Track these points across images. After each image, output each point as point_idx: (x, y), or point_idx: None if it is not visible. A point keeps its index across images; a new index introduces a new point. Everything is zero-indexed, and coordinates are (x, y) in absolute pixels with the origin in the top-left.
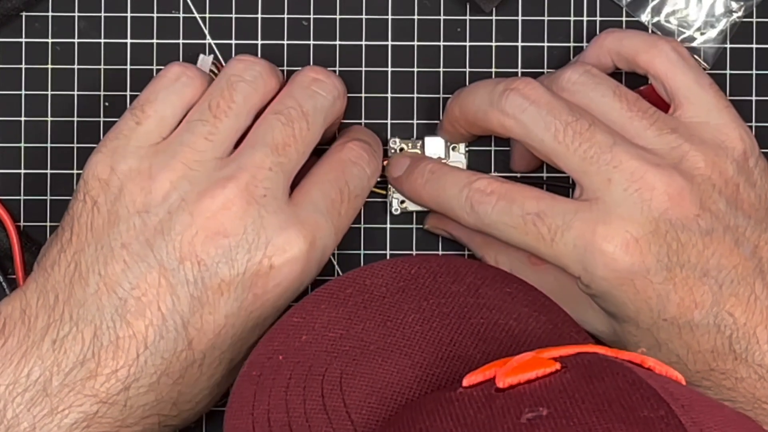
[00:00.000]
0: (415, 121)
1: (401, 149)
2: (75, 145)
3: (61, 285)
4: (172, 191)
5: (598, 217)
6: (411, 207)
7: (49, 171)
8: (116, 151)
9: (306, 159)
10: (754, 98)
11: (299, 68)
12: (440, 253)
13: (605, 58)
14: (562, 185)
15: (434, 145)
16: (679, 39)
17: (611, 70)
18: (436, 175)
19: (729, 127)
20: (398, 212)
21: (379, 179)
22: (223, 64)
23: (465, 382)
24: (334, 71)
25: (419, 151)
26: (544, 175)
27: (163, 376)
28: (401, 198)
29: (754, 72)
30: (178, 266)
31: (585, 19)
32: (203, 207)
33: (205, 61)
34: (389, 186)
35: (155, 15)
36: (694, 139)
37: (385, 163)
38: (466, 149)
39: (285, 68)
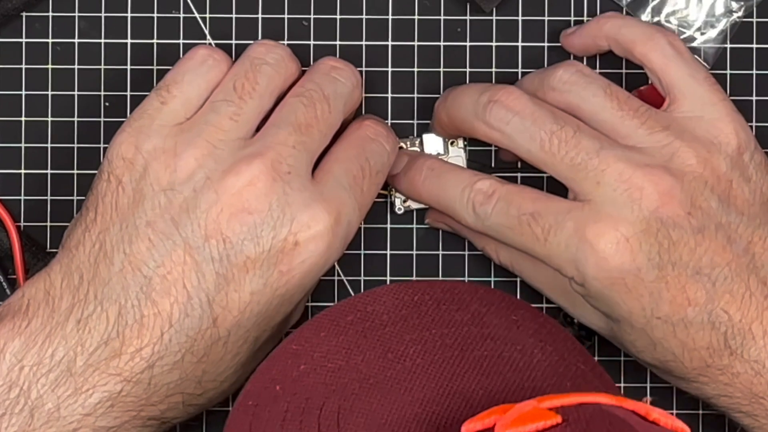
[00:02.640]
0: (415, 121)
1: (400, 147)
2: (75, 145)
3: (85, 265)
4: (197, 169)
5: (589, 217)
6: (414, 206)
7: (49, 171)
8: (141, 131)
9: (328, 141)
10: (754, 98)
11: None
12: (441, 253)
13: (601, 41)
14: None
15: (433, 142)
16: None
17: (604, 52)
18: (435, 173)
19: (723, 121)
20: (401, 211)
21: None
22: None
23: (464, 430)
24: None
25: (418, 149)
26: (544, 175)
27: (188, 354)
28: (404, 197)
29: (754, 72)
30: (203, 244)
31: (585, 19)
32: (228, 184)
33: None
34: (390, 186)
35: (155, 15)
36: (685, 135)
37: None
38: (465, 143)
39: None
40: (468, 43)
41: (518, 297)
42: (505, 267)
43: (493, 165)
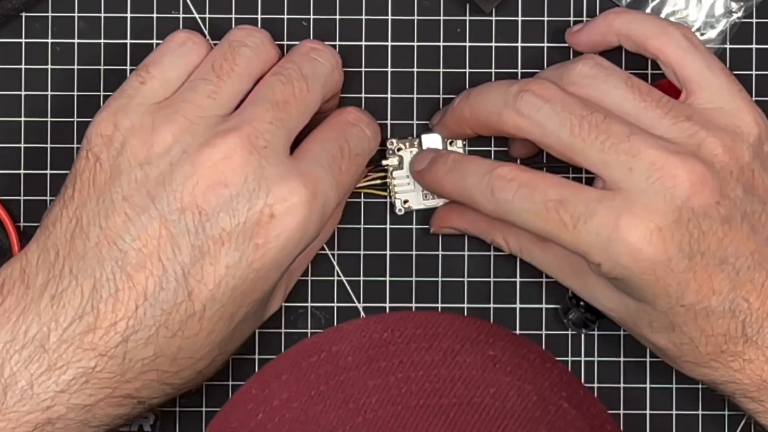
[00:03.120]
0: (414, 122)
1: (399, 149)
2: (75, 145)
3: (61, 240)
4: (174, 144)
5: (622, 206)
6: (414, 206)
7: (49, 171)
8: (119, 109)
9: (306, 120)
10: (754, 98)
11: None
12: (440, 253)
13: (611, 37)
14: (581, 175)
15: (431, 142)
16: None
17: (613, 47)
18: (458, 164)
19: (743, 111)
20: (402, 212)
21: (379, 180)
22: None
23: None
24: None
25: (416, 149)
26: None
27: (162, 329)
28: (404, 198)
29: (754, 72)
30: (179, 216)
31: (585, 19)
32: (204, 157)
33: None
34: (390, 186)
35: (155, 15)
36: (709, 125)
37: (385, 162)
38: (464, 143)
39: None
40: (468, 44)
41: (517, 297)
42: (515, 254)
43: None
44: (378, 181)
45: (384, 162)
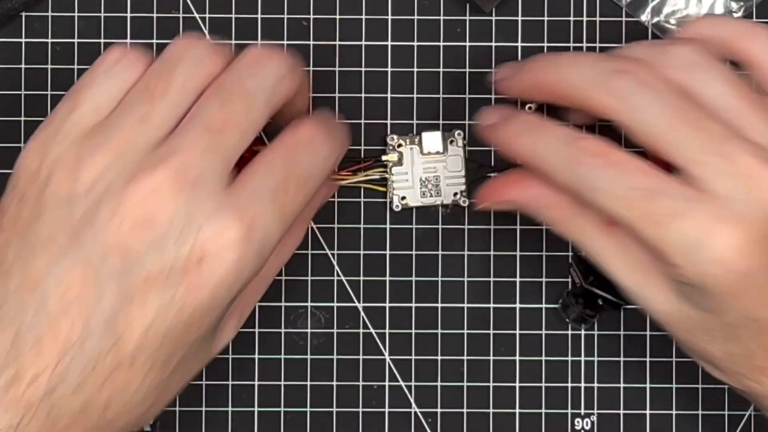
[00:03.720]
0: (414, 122)
1: (399, 145)
2: None
3: None
4: (100, 178)
5: (716, 212)
6: (411, 203)
7: None
8: (47, 139)
9: (248, 142)
10: None
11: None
12: (440, 253)
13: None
14: None
15: (431, 140)
16: None
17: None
18: (536, 127)
19: None
20: (399, 208)
21: (378, 177)
22: None
23: None
24: (334, 71)
25: (417, 146)
26: None
27: (90, 378)
28: (402, 194)
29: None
30: (103, 258)
31: (585, 19)
32: (130, 193)
33: None
34: (389, 183)
35: (155, 15)
36: None
37: (385, 157)
38: (464, 142)
39: None
40: (467, 43)
41: (517, 297)
42: (569, 236)
43: (492, 164)
44: (377, 177)
45: (384, 158)
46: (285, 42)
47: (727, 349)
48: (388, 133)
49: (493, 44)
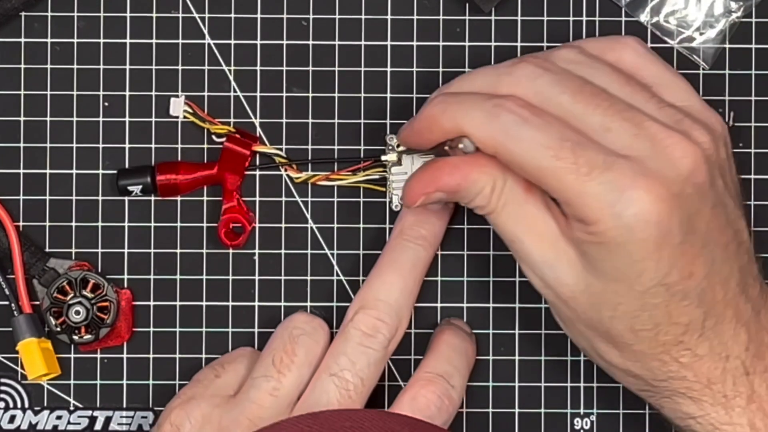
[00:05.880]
0: None
1: (398, 145)
2: (74, 145)
3: None
4: None
5: (638, 169)
6: None
7: (48, 171)
8: (193, 397)
9: None
10: (753, 98)
11: (300, 68)
12: (440, 253)
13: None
14: None
15: None
16: (678, 39)
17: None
18: (457, 99)
19: (710, 111)
20: (399, 208)
21: (377, 177)
22: (198, 108)
23: None
24: (334, 71)
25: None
26: None
27: None
28: (401, 194)
29: (753, 72)
30: None
31: (584, 19)
32: None
33: (177, 104)
34: (388, 183)
35: (154, 15)
36: (690, 116)
37: (384, 157)
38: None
39: (285, 68)
40: (467, 43)
41: (517, 297)
42: (491, 211)
43: None
44: (376, 176)
45: (383, 158)
46: (284, 42)
47: (632, 326)
48: (388, 133)
49: (493, 44)
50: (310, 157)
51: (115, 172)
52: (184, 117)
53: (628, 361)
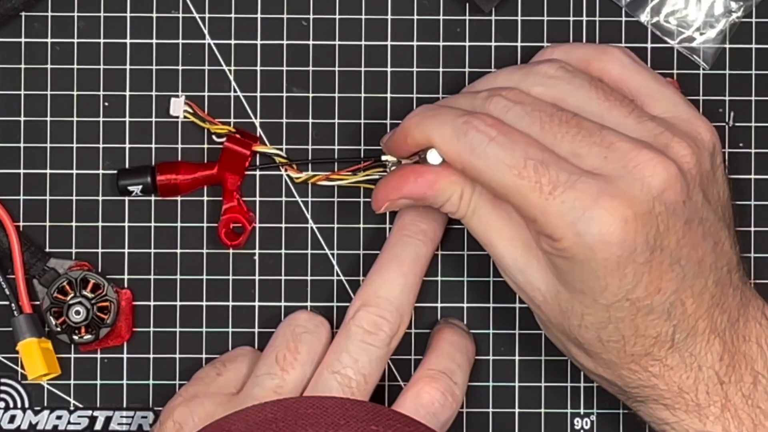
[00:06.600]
0: None
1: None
2: (74, 145)
3: None
4: None
5: (602, 188)
6: None
7: (48, 171)
8: (195, 395)
9: None
10: (753, 98)
11: (300, 68)
12: (440, 253)
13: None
14: None
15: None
16: (678, 39)
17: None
18: (432, 112)
19: (699, 120)
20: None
21: (377, 177)
22: (199, 108)
23: None
24: (334, 71)
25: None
26: None
27: None
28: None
29: (753, 72)
30: None
31: (584, 19)
32: None
33: (177, 104)
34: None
35: (154, 15)
36: (673, 129)
37: (385, 157)
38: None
39: (285, 68)
40: (467, 43)
41: (517, 297)
42: (461, 216)
43: None
44: (377, 177)
45: (384, 158)
46: (284, 42)
47: (600, 336)
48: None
49: (493, 44)
50: (310, 157)
51: (115, 172)
52: (185, 117)
53: (600, 367)
